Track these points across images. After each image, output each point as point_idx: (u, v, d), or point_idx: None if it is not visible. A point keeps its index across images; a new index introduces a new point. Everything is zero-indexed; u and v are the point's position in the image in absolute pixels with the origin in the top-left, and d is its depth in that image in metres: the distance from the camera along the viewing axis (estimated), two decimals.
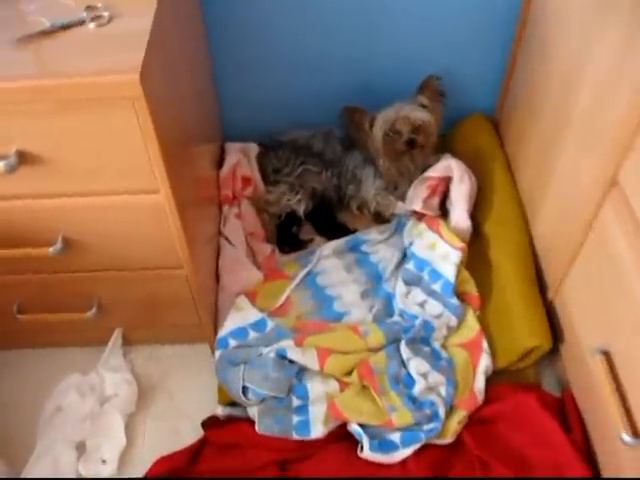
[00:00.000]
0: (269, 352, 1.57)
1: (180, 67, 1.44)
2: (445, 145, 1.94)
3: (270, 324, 1.66)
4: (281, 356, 1.55)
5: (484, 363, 1.56)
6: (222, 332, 1.65)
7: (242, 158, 1.93)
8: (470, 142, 1.94)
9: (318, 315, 1.71)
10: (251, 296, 1.72)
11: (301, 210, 1.90)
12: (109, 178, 1.24)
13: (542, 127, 1.62)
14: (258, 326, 1.66)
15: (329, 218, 1.95)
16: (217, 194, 1.88)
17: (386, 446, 1.45)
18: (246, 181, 1.92)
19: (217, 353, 1.61)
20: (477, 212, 1.81)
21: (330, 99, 1.91)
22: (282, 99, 2.00)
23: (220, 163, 1.92)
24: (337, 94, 1.92)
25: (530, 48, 1.72)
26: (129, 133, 1.15)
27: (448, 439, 1.45)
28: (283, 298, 1.74)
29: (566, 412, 1.49)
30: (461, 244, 1.69)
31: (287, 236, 1.90)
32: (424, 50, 1.91)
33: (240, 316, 1.67)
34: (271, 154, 1.95)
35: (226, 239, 1.81)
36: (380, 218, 1.95)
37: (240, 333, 1.65)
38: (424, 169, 1.86)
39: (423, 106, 1.83)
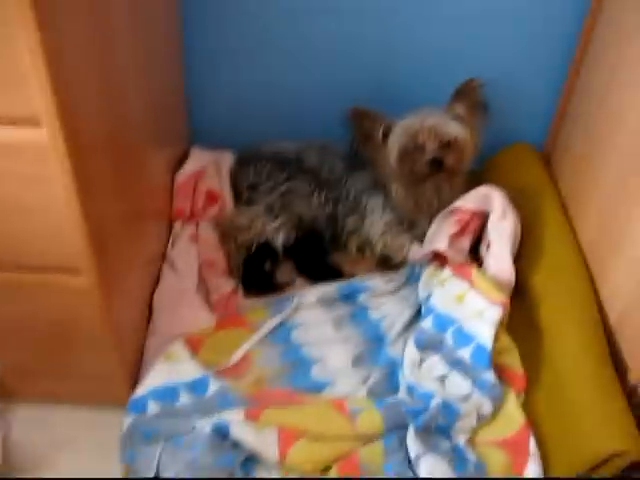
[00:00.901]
0: (205, 426, 1.02)
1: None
2: (479, 182, 1.44)
3: (214, 386, 1.15)
4: (221, 433, 1.03)
5: (532, 472, 1.04)
6: (141, 390, 1.14)
7: (210, 168, 1.47)
8: (513, 177, 1.49)
9: (287, 382, 1.20)
10: (193, 344, 1.21)
11: (279, 241, 1.41)
12: None
13: (613, 165, 1.23)
14: (195, 387, 1.15)
15: (317, 256, 1.43)
16: (168, 206, 1.38)
17: None
18: (211, 197, 1.46)
19: (126, 420, 1.06)
20: (521, 260, 1.32)
21: (333, 104, 1.40)
22: (270, 100, 1.57)
23: None
24: (344, 98, 1.40)
25: (598, 61, 1.36)
26: None
27: None
28: (240, 354, 1.23)
29: None
30: (502, 298, 1.20)
31: (256, 274, 1.39)
32: (459, 54, 1.50)
33: (171, 370, 1.16)
34: (249, 167, 1.48)
35: (171, 265, 1.32)
36: (387, 264, 1.45)
37: (167, 394, 1.13)
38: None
39: (458, 118, 1.35)
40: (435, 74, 1.49)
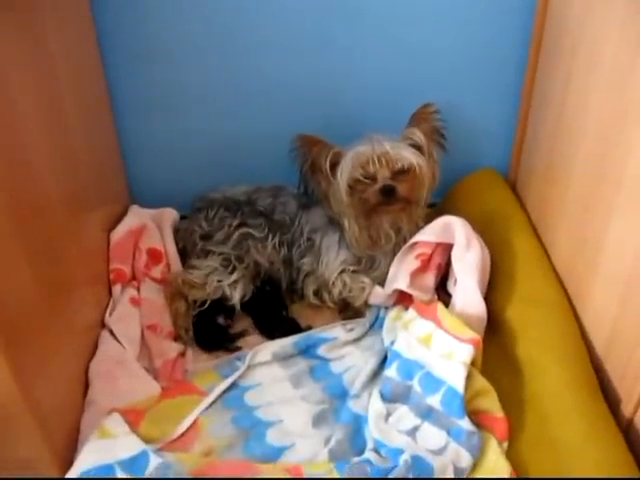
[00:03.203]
0: None
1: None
2: (440, 214, 1.32)
3: (154, 462, 1.00)
4: None
5: None
6: (72, 473, 0.98)
7: (151, 225, 1.38)
8: (479, 204, 1.39)
9: (240, 451, 1.06)
10: (132, 416, 1.08)
11: (236, 297, 1.29)
12: None
13: (578, 178, 1.15)
14: (134, 464, 1.00)
15: (274, 311, 1.31)
16: (106, 269, 1.28)
17: None
18: (154, 256, 1.35)
19: None
20: (493, 292, 1.21)
21: (280, 146, 1.29)
22: (215, 150, 1.48)
23: None
24: (290, 139, 1.30)
25: (551, 72, 1.28)
26: None
27: None
28: (187, 423, 1.09)
29: None
30: (472, 335, 1.08)
31: (209, 328, 1.27)
32: (410, 83, 1.42)
33: (105, 447, 1.02)
34: (199, 216, 1.37)
35: (110, 332, 1.20)
36: (348, 310, 1.31)
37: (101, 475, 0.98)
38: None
39: (416, 147, 1.25)
40: (387, 104, 1.39)
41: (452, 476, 0.95)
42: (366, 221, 1.27)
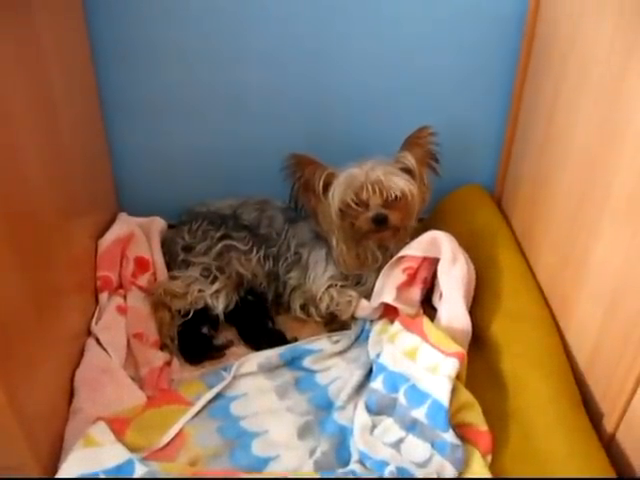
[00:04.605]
0: None
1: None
2: (427, 229, 1.33)
3: (140, 471, 1.00)
4: None
5: None
6: None
7: (139, 234, 1.38)
8: (464, 220, 1.41)
9: (226, 461, 1.06)
10: (118, 425, 1.08)
11: (220, 307, 1.29)
12: None
13: (564, 194, 1.17)
14: (120, 473, 1.00)
15: (259, 322, 1.32)
16: (93, 277, 1.27)
17: None
18: (141, 264, 1.36)
19: None
20: (478, 307, 1.23)
21: (269, 160, 1.29)
22: (202, 161, 1.49)
23: None
24: (280, 153, 1.29)
25: (538, 100, 1.30)
26: None
27: None
28: (172, 432, 1.09)
29: None
30: (457, 349, 1.09)
31: (194, 338, 1.27)
32: (397, 103, 1.46)
33: (91, 456, 1.01)
34: (183, 228, 1.37)
35: (96, 340, 1.20)
36: (334, 322, 1.32)
37: None
38: None
39: (407, 171, 1.27)
40: (373, 120, 1.43)
41: None
42: (353, 243, 1.29)
